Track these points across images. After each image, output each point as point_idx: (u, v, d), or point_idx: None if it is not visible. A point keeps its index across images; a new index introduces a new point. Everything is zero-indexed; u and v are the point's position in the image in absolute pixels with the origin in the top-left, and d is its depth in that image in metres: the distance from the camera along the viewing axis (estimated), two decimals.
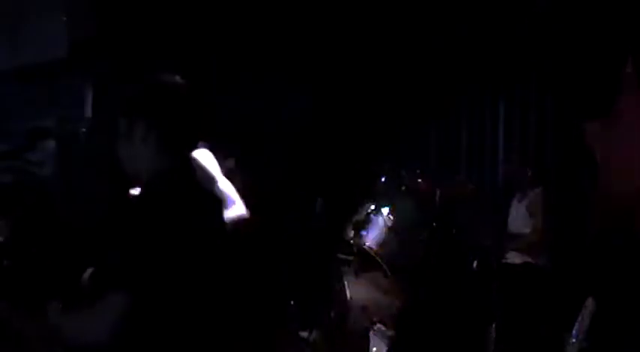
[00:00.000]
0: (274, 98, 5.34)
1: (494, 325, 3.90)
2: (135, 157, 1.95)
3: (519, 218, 4.68)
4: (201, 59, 4.97)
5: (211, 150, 3.02)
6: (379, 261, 4.34)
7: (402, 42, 5.58)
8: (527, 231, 4.59)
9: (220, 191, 2.88)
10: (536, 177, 4.75)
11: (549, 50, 5.12)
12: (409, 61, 5.64)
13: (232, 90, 4.97)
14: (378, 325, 4.06)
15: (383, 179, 4.66)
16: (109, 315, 1.72)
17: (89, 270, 2.06)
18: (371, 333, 4.06)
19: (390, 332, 3.99)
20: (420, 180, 4.58)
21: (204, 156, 2.97)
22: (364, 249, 4.35)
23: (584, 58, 4.83)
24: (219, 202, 2.12)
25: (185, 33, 4.94)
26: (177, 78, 2.02)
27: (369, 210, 4.44)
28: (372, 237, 4.35)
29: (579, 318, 3.64)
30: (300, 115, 5.43)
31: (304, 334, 4.50)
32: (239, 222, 2.90)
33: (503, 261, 4.52)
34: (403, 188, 4.63)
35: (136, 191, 2.58)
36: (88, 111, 4.77)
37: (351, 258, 4.51)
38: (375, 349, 4.03)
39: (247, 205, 2.98)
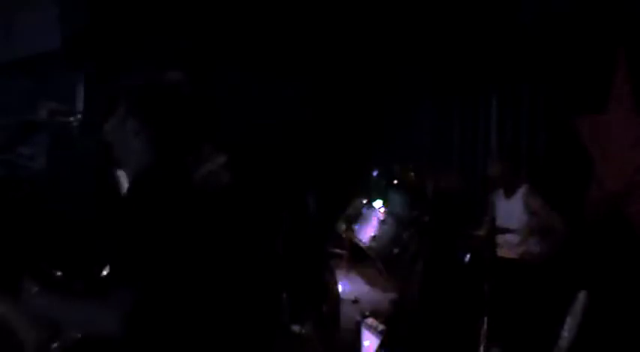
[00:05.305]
0: (266, 92, 5.33)
1: (486, 319, 3.89)
2: (126, 145, 1.91)
3: (511, 214, 4.66)
4: (193, 52, 4.97)
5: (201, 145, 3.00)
6: (371, 254, 4.34)
7: (396, 38, 5.59)
8: (518, 226, 4.59)
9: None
10: (523, 174, 4.74)
11: (542, 46, 5.12)
12: (402, 56, 5.65)
13: (223, 83, 4.95)
14: (370, 319, 4.05)
15: (375, 173, 4.65)
16: (117, 310, 1.70)
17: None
18: (362, 327, 4.05)
19: (382, 326, 3.98)
20: (412, 174, 4.58)
21: None
22: (356, 242, 4.35)
23: (576, 53, 4.84)
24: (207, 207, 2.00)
25: (177, 26, 4.94)
26: (181, 78, 1.94)
27: (361, 204, 4.44)
28: (363, 231, 4.34)
29: (571, 312, 3.63)
30: (292, 109, 5.42)
31: (296, 327, 4.49)
32: None
33: (496, 254, 4.50)
34: (395, 182, 4.64)
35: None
36: (80, 105, 4.77)
37: (342, 251, 4.51)
38: (366, 343, 4.03)
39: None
